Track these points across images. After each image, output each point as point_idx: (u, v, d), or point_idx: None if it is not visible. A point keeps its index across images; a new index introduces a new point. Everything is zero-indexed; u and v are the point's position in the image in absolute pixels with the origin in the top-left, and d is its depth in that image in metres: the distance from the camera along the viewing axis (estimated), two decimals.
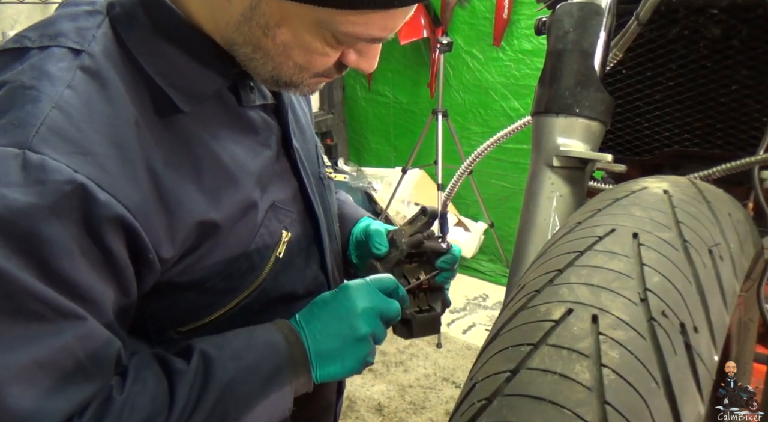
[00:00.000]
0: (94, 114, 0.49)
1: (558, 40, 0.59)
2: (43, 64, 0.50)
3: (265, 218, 0.63)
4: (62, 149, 0.47)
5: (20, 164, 0.45)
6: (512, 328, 0.36)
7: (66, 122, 0.48)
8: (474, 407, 0.33)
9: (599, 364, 0.32)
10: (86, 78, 0.50)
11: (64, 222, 0.46)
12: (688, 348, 0.34)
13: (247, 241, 0.61)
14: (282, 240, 0.65)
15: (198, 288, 0.59)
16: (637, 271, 0.36)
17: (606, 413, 0.30)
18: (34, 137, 0.46)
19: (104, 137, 0.49)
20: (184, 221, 0.54)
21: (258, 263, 0.63)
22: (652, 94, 0.74)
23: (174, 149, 0.55)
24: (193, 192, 0.55)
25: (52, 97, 0.48)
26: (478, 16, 2.73)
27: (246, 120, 0.63)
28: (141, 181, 0.51)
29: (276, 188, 0.66)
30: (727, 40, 0.66)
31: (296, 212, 0.68)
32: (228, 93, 0.61)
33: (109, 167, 0.49)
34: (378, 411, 2.10)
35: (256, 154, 0.63)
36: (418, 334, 0.75)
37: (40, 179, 0.45)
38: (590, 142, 0.59)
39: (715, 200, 0.45)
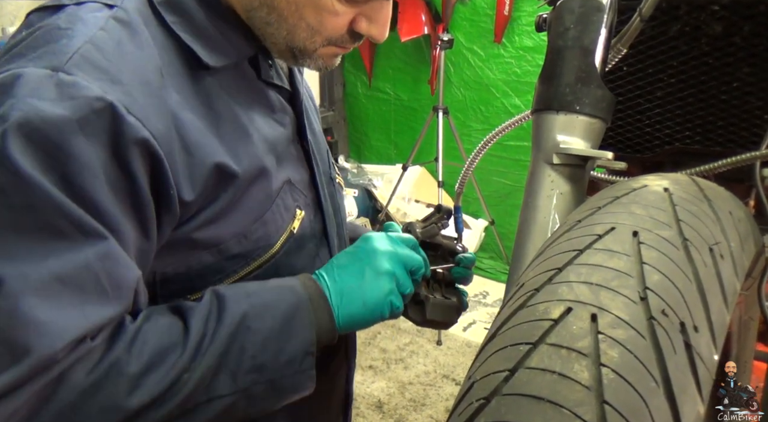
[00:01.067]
0: (124, 54, 0.52)
1: (559, 36, 0.59)
2: (78, 12, 0.53)
3: (281, 191, 0.64)
4: (94, 75, 0.49)
5: (54, 82, 0.47)
6: (511, 327, 0.36)
7: (98, 54, 0.50)
8: (472, 406, 0.33)
9: (598, 363, 0.32)
10: (118, 26, 0.53)
11: (92, 140, 0.48)
12: (687, 347, 0.33)
13: (262, 207, 0.62)
14: (297, 217, 0.66)
15: (212, 249, 0.59)
16: (637, 270, 0.36)
17: (605, 412, 0.30)
18: (68, 61, 0.48)
19: (133, 73, 0.52)
20: (203, 162, 0.55)
21: (272, 233, 0.63)
22: (653, 92, 0.73)
23: (196, 100, 0.57)
24: (212, 138, 0.56)
25: (86, 35, 0.51)
26: (479, 13, 2.72)
27: (264, 95, 0.65)
28: (165, 116, 0.53)
29: (291, 167, 0.67)
30: (728, 37, 0.66)
31: (309, 198, 0.69)
32: (249, 67, 0.63)
33: (137, 95, 0.51)
34: (378, 408, 2.10)
35: (271, 126, 0.64)
36: (432, 316, 0.73)
37: (72, 94, 0.47)
38: (591, 139, 0.58)
39: (715, 198, 0.45)
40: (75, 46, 0.50)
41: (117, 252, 0.49)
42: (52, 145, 0.46)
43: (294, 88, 0.70)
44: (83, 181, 0.47)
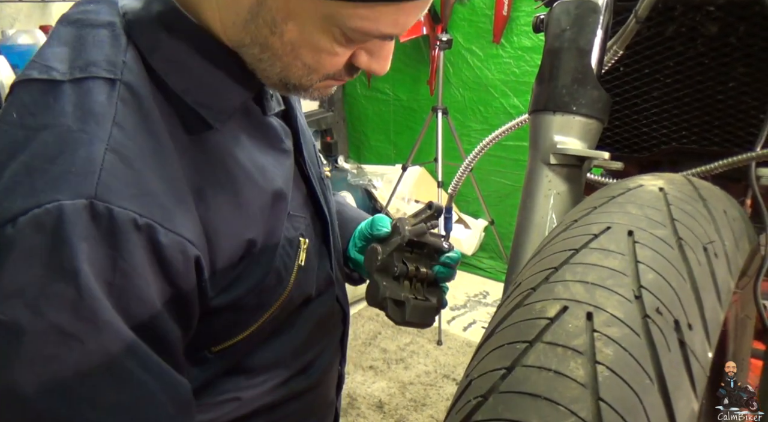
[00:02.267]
0: (144, 152, 0.50)
1: (555, 37, 0.59)
2: (83, 102, 0.49)
3: (284, 230, 0.63)
4: (126, 193, 0.47)
5: (90, 216, 0.45)
6: (508, 325, 0.37)
7: (122, 164, 0.48)
8: (470, 404, 0.34)
9: (594, 361, 0.32)
10: (128, 111, 0.50)
11: (138, 268, 0.47)
12: (682, 344, 0.34)
13: (272, 254, 0.61)
14: (301, 248, 0.65)
15: (232, 308, 0.59)
16: (632, 268, 0.36)
17: (600, 409, 0.30)
18: (97, 184, 0.46)
19: (157, 174, 0.50)
20: (228, 244, 0.55)
21: (284, 275, 0.63)
22: (649, 92, 0.74)
23: (210, 169, 0.55)
24: (232, 212, 0.56)
25: (103, 139, 0.48)
26: (478, 13, 2.72)
27: (271, 129, 0.63)
28: (193, 212, 0.52)
29: (293, 196, 0.66)
30: (724, 37, 0.66)
31: (307, 216, 0.69)
32: (252, 104, 0.61)
33: (168, 204, 0.49)
34: (379, 409, 2.10)
35: (281, 163, 0.64)
36: (411, 319, 0.74)
37: (110, 229, 0.46)
38: (587, 139, 0.59)
39: (710, 198, 0.45)
40: (97, 160, 0.47)
41: (174, 377, 0.51)
42: (108, 283, 0.46)
43: (288, 105, 0.69)
44: (141, 310, 0.48)
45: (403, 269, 0.76)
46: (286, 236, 0.63)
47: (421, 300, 0.76)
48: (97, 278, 0.45)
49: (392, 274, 0.76)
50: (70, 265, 0.44)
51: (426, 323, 0.77)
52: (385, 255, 0.75)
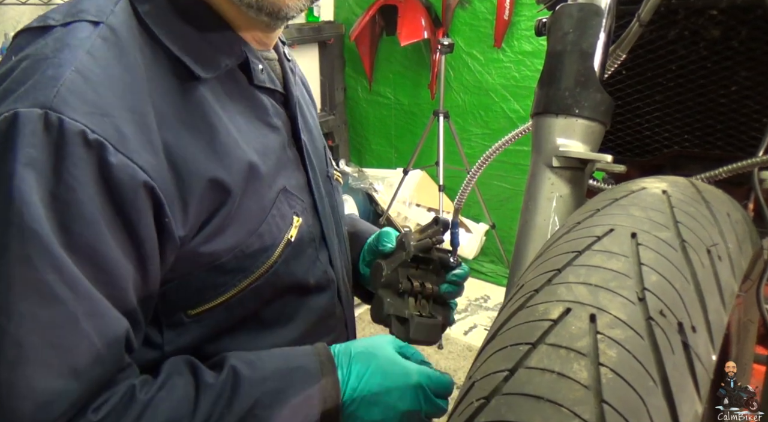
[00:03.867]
0: (112, 79, 0.51)
1: (557, 40, 0.59)
2: (64, 37, 0.52)
3: (276, 200, 0.63)
4: (81, 109, 0.48)
5: (43, 125, 0.47)
6: (511, 327, 0.36)
7: (84, 84, 0.49)
8: (472, 406, 0.34)
9: (597, 363, 0.32)
10: (104, 45, 0.52)
11: (85, 182, 0.48)
12: (685, 347, 0.34)
13: (258, 219, 0.61)
14: (294, 224, 0.65)
15: (210, 265, 0.59)
16: (636, 271, 0.36)
17: (603, 411, 0.30)
18: (55, 96, 0.48)
19: (121, 101, 0.51)
20: (196, 182, 0.55)
21: (269, 244, 0.63)
22: (652, 95, 0.74)
23: (188, 113, 0.56)
24: (203, 153, 0.56)
25: (71, 62, 0.50)
26: (479, 18, 2.73)
27: (257, 100, 0.64)
28: (154, 145, 0.52)
29: (287, 173, 0.66)
30: (726, 41, 0.66)
31: (305, 201, 0.69)
32: (240, 73, 0.63)
33: (125, 129, 0.50)
34: None
35: (265, 133, 0.64)
36: (415, 336, 0.73)
37: (59, 139, 0.47)
38: (590, 142, 0.59)
39: (713, 201, 0.45)
40: (61, 77, 0.49)
41: (106, 308, 0.50)
42: (51, 193, 0.46)
43: (287, 91, 0.70)
44: (82, 229, 0.48)
45: (408, 286, 0.74)
46: (278, 208, 0.63)
47: (426, 317, 0.74)
48: (38, 186, 0.46)
49: (397, 290, 0.75)
50: (10, 168, 0.46)
51: (431, 341, 0.75)
52: (389, 271, 0.74)
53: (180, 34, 0.57)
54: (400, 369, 0.61)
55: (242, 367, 0.56)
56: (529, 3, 2.56)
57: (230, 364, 0.56)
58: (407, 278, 0.76)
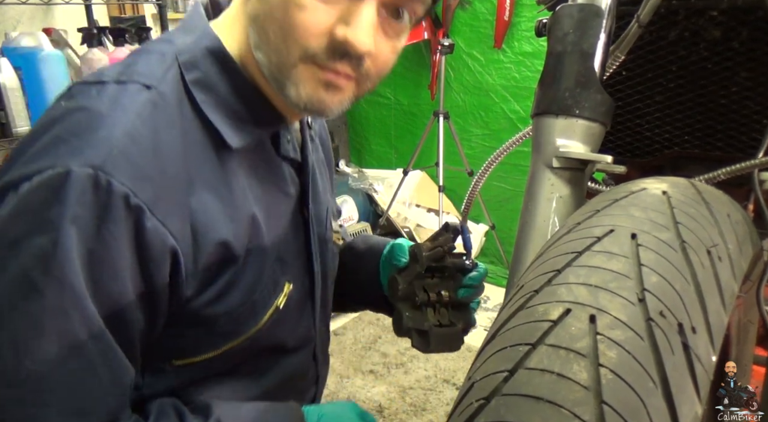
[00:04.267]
0: (156, 144, 0.55)
1: (558, 41, 0.59)
2: (119, 96, 0.56)
3: (272, 269, 0.66)
4: (127, 173, 0.52)
5: (92, 185, 0.50)
6: (510, 328, 0.36)
7: (133, 147, 0.53)
8: (472, 406, 0.34)
9: (597, 364, 0.32)
10: (154, 111, 0.56)
11: (119, 243, 0.51)
12: (685, 348, 0.34)
13: (253, 288, 0.64)
14: (284, 291, 0.68)
15: (203, 326, 0.62)
16: (636, 271, 0.36)
17: (603, 412, 0.30)
18: (105, 159, 0.51)
19: (162, 166, 0.54)
20: (209, 245, 0.58)
21: (260, 310, 0.65)
22: (652, 96, 0.74)
23: (216, 178, 0.59)
24: (219, 217, 0.59)
25: (123, 125, 0.53)
26: (479, 18, 2.73)
27: (278, 169, 0.68)
28: (184, 211, 0.56)
29: (287, 239, 0.69)
30: (727, 41, 0.66)
31: (297, 266, 0.71)
32: (268, 142, 0.66)
33: (162, 193, 0.54)
34: (378, 413, 2.09)
35: (278, 201, 0.67)
36: (435, 348, 0.74)
37: (105, 199, 0.50)
38: (590, 143, 0.59)
39: (713, 201, 0.45)
40: (114, 139, 0.52)
41: (120, 357, 0.53)
42: (89, 249, 0.50)
43: (304, 160, 0.73)
44: (110, 283, 0.51)
45: (425, 298, 0.75)
46: (271, 275, 0.66)
47: (446, 326, 0.75)
48: (79, 242, 0.49)
49: (414, 303, 0.75)
50: (57, 222, 0.48)
51: (452, 348, 0.75)
52: (405, 285, 0.75)
53: (221, 104, 0.60)
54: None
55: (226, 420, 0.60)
56: (529, 4, 2.56)
57: (216, 416, 0.60)
58: (423, 289, 0.76)
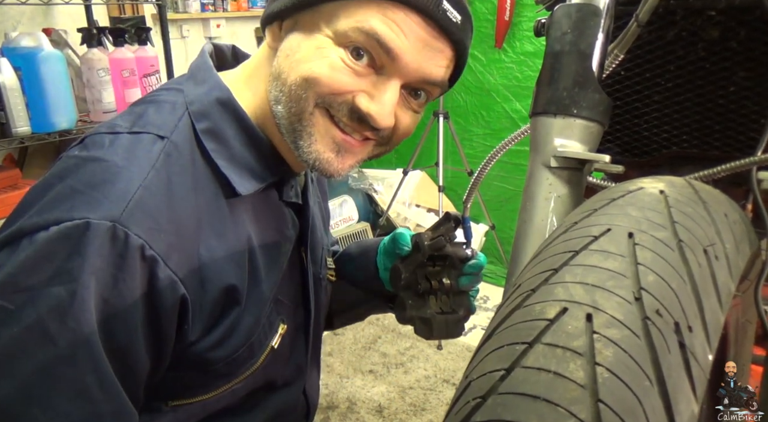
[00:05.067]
0: (170, 196, 0.56)
1: (556, 41, 0.59)
2: (134, 147, 0.57)
3: (270, 311, 0.67)
4: (144, 225, 0.53)
5: (110, 237, 0.51)
6: (507, 327, 0.36)
7: (149, 200, 0.54)
8: (468, 405, 0.34)
9: (593, 363, 0.32)
10: (168, 161, 0.57)
11: (133, 294, 0.52)
12: (682, 346, 0.34)
13: (251, 332, 0.65)
14: (279, 332, 0.70)
15: (203, 369, 0.63)
16: (632, 270, 0.36)
17: (600, 411, 0.30)
18: (124, 211, 0.52)
19: (175, 217, 0.56)
20: (215, 290, 0.59)
21: (257, 352, 0.67)
22: (650, 96, 0.74)
23: (221, 224, 0.61)
24: (224, 262, 0.60)
25: (140, 177, 0.55)
26: (480, 18, 2.73)
27: (280, 213, 0.69)
28: (193, 259, 0.57)
29: (283, 282, 0.70)
30: (725, 41, 0.66)
31: (293, 305, 0.73)
32: (272, 189, 0.68)
33: (175, 243, 0.55)
34: (378, 413, 2.09)
35: (277, 243, 0.68)
36: (438, 335, 0.75)
37: (122, 251, 0.51)
38: (588, 143, 0.59)
39: (711, 201, 0.45)
40: (131, 192, 0.53)
41: (127, 404, 0.54)
42: (104, 299, 0.51)
43: (305, 203, 0.74)
44: (122, 333, 0.52)
45: (427, 286, 0.77)
46: (268, 317, 0.67)
47: (448, 313, 0.77)
48: (96, 292, 0.50)
49: (417, 291, 0.77)
50: (76, 274, 0.49)
51: (454, 334, 0.77)
52: (408, 274, 0.76)
53: (230, 153, 0.62)
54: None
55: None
56: (529, 4, 2.56)
57: None
58: (425, 277, 0.78)
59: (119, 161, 0.55)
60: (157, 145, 0.58)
